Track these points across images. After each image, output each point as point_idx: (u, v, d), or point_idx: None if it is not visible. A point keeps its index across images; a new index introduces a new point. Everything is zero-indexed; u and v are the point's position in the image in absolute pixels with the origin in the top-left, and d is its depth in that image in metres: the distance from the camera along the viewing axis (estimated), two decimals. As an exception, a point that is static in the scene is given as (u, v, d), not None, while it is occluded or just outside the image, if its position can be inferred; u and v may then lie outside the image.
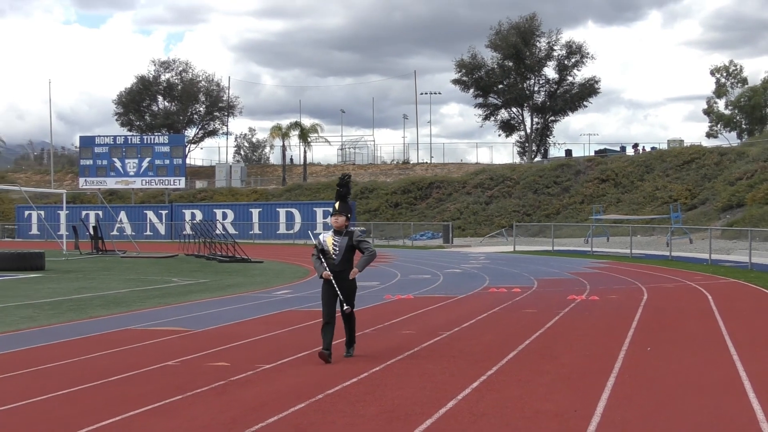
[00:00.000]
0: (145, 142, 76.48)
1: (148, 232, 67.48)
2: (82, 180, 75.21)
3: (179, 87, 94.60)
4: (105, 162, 74.39)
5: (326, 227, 63.10)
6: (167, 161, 73.84)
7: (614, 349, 11.64)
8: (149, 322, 14.92)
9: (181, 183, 75.47)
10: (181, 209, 67.98)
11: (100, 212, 59.49)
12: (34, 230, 67.45)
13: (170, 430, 7.27)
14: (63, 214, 54.91)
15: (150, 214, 69.95)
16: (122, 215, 66.93)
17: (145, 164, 73.91)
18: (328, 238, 10.73)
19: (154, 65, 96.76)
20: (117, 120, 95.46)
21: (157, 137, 78.37)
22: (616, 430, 7.20)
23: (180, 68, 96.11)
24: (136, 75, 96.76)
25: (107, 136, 77.40)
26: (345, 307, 10.60)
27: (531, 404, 8.24)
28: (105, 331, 13.90)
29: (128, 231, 62.70)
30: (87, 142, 76.64)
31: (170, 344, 12.39)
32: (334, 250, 10.58)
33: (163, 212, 69.49)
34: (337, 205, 10.80)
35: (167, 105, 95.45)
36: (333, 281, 10.52)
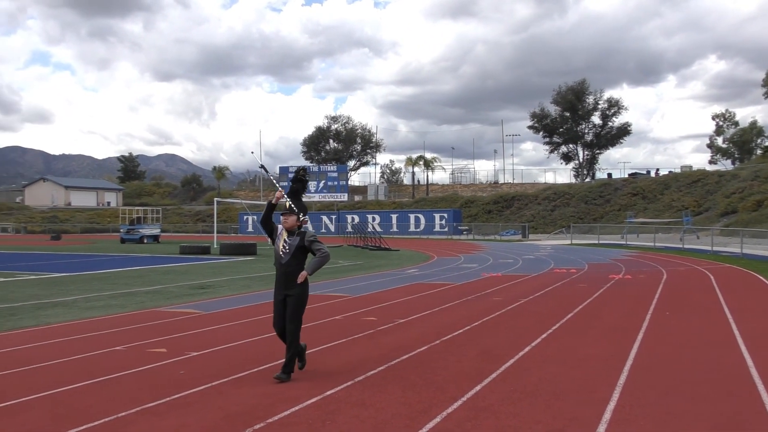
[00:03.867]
0: (321, 170, 77.79)
1: (323, 230, 68.52)
2: (280, 195, 77.12)
3: (343, 133, 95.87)
4: (295, 183, 76.09)
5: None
6: (335, 183, 74.98)
7: (642, 312, 11.26)
8: (324, 290, 15.15)
9: (344, 197, 76.43)
10: (345, 215, 68.81)
11: (292, 217, 60.49)
12: (250, 228, 69.34)
13: (338, 361, 7.38)
14: (268, 218, 56.40)
15: (324, 218, 71.02)
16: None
17: (321, 185, 75.21)
18: (280, 240, 6.80)
19: (327, 119, 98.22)
20: (303, 155, 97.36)
21: (329, 167, 79.65)
22: (643, 370, 6.96)
23: (344, 121, 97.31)
24: (315, 125, 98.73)
25: (296, 167, 79.12)
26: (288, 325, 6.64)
27: (582, 350, 8.04)
28: (295, 295, 14.17)
29: (310, 229, 63.88)
30: (284, 170, 78.40)
31: (337, 304, 12.56)
32: (284, 249, 6.71)
33: (333, 217, 70.43)
34: (287, 203, 6.94)
35: (336, 145, 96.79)
36: (281, 285, 6.73)
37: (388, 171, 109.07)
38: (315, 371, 6.90)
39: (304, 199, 7.40)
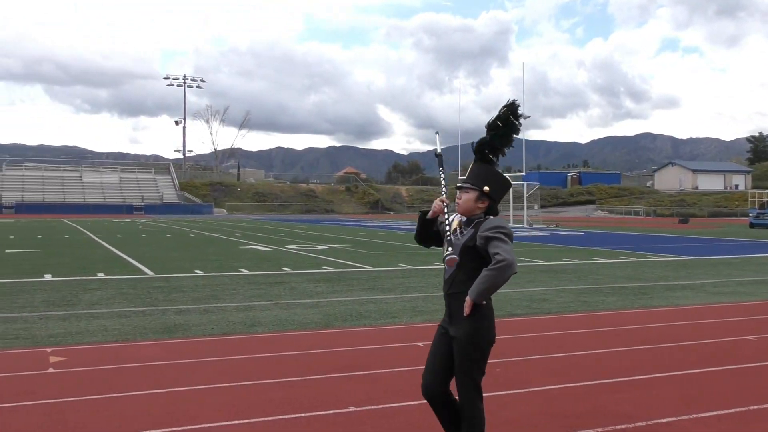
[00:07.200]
0: None
1: None
2: None
3: None
4: None
5: None
6: None
7: None
8: None
9: None
10: None
11: None
12: None
13: None
14: None
15: None
16: None
17: None
18: (452, 227, 3.67)
19: None
20: None
21: None
22: None
23: None
24: None
25: None
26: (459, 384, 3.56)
27: None
28: None
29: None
30: None
31: None
32: (448, 252, 3.57)
33: None
34: (471, 166, 3.75)
35: None
36: (446, 314, 3.70)
37: None
38: None
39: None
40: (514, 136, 3.70)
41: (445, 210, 3.68)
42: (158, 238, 28.10)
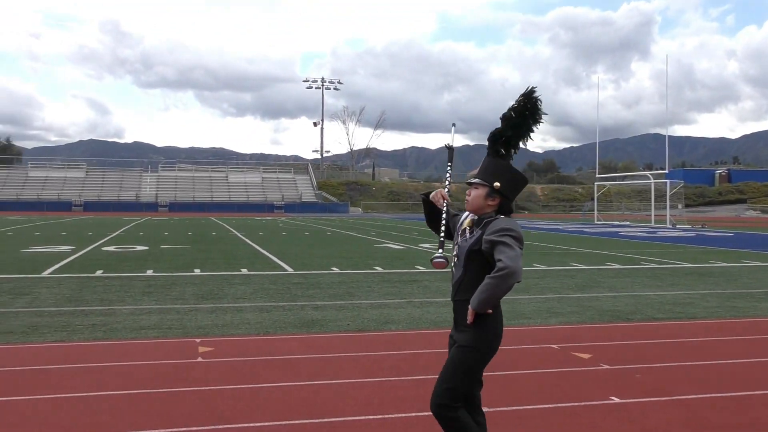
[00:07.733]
0: None
1: None
2: None
3: None
4: None
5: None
6: None
7: None
8: None
9: None
10: None
11: None
12: None
13: None
14: None
15: None
16: None
17: None
18: (457, 239, 3.58)
19: None
20: None
21: None
22: None
23: None
24: None
25: None
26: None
27: None
28: None
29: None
30: None
31: None
32: (455, 255, 3.54)
33: None
34: (483, 160, 3.56)
35: None
36: (454, 321, 3.49)
37: None
38: None
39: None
40: (533, 128, 3.45)
41: (444, 206, 3.54)
42: (297, 235, 29.14)
